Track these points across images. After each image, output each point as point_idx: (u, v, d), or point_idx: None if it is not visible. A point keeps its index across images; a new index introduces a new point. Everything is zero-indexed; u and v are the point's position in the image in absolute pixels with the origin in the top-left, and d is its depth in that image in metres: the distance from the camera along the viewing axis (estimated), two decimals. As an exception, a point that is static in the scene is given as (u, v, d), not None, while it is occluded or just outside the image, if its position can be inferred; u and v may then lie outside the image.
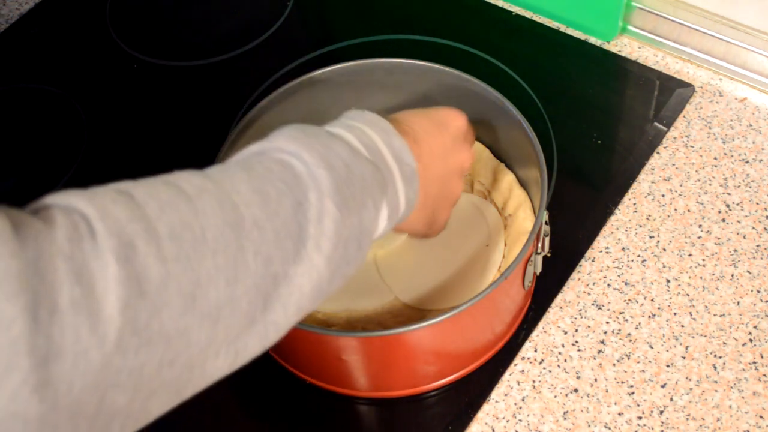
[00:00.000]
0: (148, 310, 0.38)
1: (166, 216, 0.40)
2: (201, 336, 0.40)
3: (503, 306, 0.67)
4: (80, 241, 0.37)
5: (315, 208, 0.46)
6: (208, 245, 0.41)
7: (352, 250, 0.48)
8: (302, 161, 0.47)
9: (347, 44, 0.93)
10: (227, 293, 0.41)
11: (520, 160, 0.74)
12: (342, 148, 0.50)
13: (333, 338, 0.63)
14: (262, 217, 0.44)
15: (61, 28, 1.01)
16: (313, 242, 0.45)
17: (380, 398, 0.70)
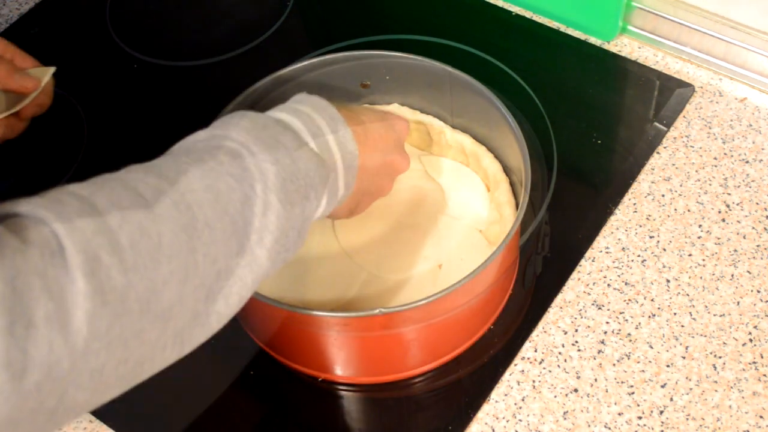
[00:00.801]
0: (110, 318, 0.40)
1: (127, 225, 0.42)
2: (152, 335, 0.43)
3: (489, 286, 0.68)
4: (52, 257, 0.39)
5: (261, 201, 0.48)
6: (164, 251, 0.43)
7: (292, 239, 0.51)
8: (251, 153, 0.50)
9: (347, 44, 0.93)
10: (178, 293, 0.44)
11: (507, 150, 0.74)
12: (289, 140, 0.52)
13: (325, 319, 0.64)
14: (213, 217, 0.46)
15: (61, 28, 1.01)
16: (256, 236, 0.48)
17: (373, 387, 0.70)
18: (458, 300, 0.64)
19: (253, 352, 0.72)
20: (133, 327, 0.42)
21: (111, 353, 0.41)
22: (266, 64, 0.75)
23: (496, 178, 0.74)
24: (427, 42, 0.93)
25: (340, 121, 0.57)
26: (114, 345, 0.41)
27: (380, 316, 0.61)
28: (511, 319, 0.72)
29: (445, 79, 0.74)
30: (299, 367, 0.70)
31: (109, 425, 0.69)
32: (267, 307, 0.63)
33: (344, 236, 0.74)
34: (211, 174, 0.48)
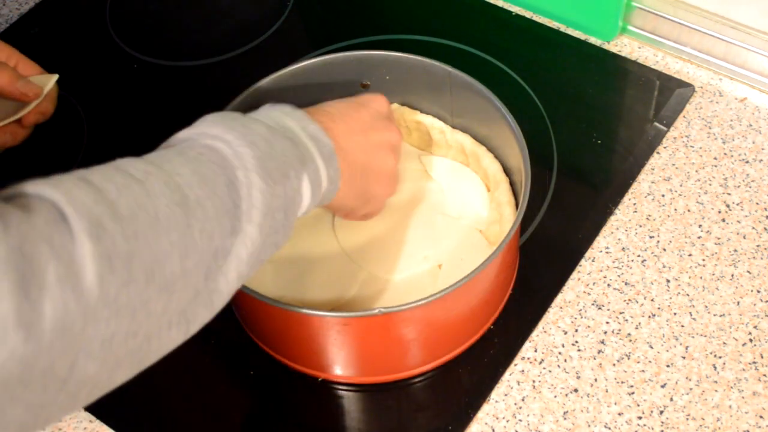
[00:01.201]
0: (117, 284, 0.42)
1: (124, 198, 0.44)
2: (158, 307, 0.44)
3: (488, 286, 0.68)
4: (56, 224, 0.41)
5: (244, 185, 0.50)
6: (162, 224, 0.45)
7: (279, 219, 0.52)
8: (226, 142, 0.51)
9: (347, 44, 0.93)
10: (180, 267, 0.45)
11: (507, 150, 0.74)
12: (261, 127, 0.54)
13: (324, 319, 0.64)
14: (203, 196, 0.48)
15: (61, 28, 1.01)
16: (246, 215, 0.50)
17: (372, 387, 0.70)
18: (458, 300, 0.64)
19: (253, 352, 0.72)
20: (139, 296, 0.43)
21: (120, 322, 0.42)
22: (266, 64, 0.75)
23: (496, 178, 0.74)
24: (427, 42, 0.93)
25: (307, 120, 0.58)
26: (123, 313, 0.42)
27: (380, 316, 0.61)
28: (511, 319, 0.72)
29: (445, 79, 0.74)
30: (299, 367, 0.70)
31: (110, 425, 0.69)
32: (267, 307, 0.63)
33: (344, 236, 0.74)
34: (194, 162, 0.50)
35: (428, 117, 0.78)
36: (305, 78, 0.76)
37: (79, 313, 0.40)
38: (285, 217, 0.53)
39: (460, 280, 0.61)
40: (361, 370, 0.69)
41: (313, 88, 0.77)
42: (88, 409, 0.70)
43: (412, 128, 0.79)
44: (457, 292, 0.61)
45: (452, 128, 0.78)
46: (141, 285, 0.43)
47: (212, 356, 0.73)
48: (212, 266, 0.48)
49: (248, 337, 0.72)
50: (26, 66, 0.75)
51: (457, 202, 0.76)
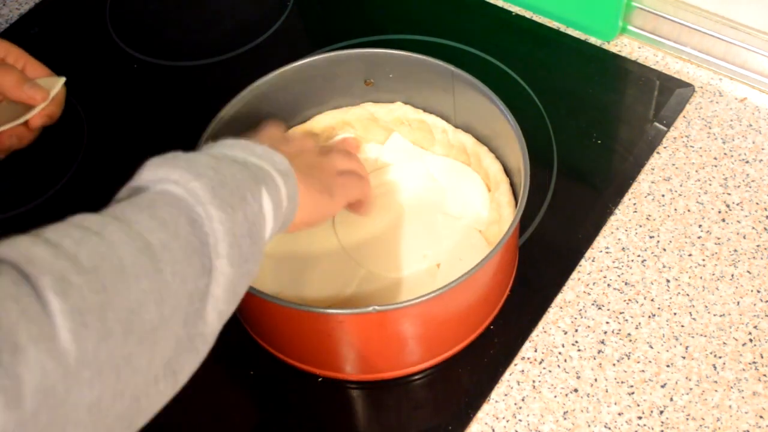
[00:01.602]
0: (94, 340, 0.39)
1: (84, 251, 0.41)
2: (142, 361, 0.42)
3: (486, 285, 0.68)
4: (19, 285, 0.38)
5: (205, 219, 0.48)
6: (129, 272, 0.42)
7: (246, 246, 0.50)
8: (174, 182, 0.49)
9: (347, 44, 0.93)
10: (158, 315, 0.43)
11: (507, 150, 0.74)
12: (204, 158, 0.52)
13: (324, 316, 0.64)
14: (166, 239, 0.45)
15: (61, 28, 1.01)
16: (213, 251, 0.47)
17: (372, 384, 0.70)
18: (454, 299, 0.65)
19: (252, 351, 0.72)
20: (120, 350, 0.41)
21: (104, 382, 0.40)
22: (266, 64, 0.75)
23: (496, 179, 0.74)
24: (426, 42, 0.93)
25: (253, 144, 0.56)
26: (106, 372, 0.40)
27: (375, 314, 0.61)
28: (511, 319, 0.72)
29: (448, 79, 0.74)
30: (298, 364, 0.70)
31: (110, 425, 0.69)
32: (264, 303, 0.63)
33: (344, 234, 0.74)
34: (149, 208, 0.47)
35: (431, 116, 0.78)
36: (309, 75, 0.76)
37: (60, 375, 0.37)
38: (252, 242, 0.51)
39: (456, 279, 0.61)
40: (359, 367, 0.70)
41: (317, 85, 0.77)
42: (88, 409, 0.70)
43: (415, 127, 0.79)
44: (453, 291, 0.61)
45: (455, 128, 0.78)
46: (119, 338, 0.41)
47: (212, 355, 0.72)
48: (190, 310, 0.46)
49: (248, 335, 0.73)
50: (34, 68, 0.75)
51: (457, 201, 0.76)
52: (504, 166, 0.75)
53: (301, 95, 0.77)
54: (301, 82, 0.76)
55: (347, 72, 0.77)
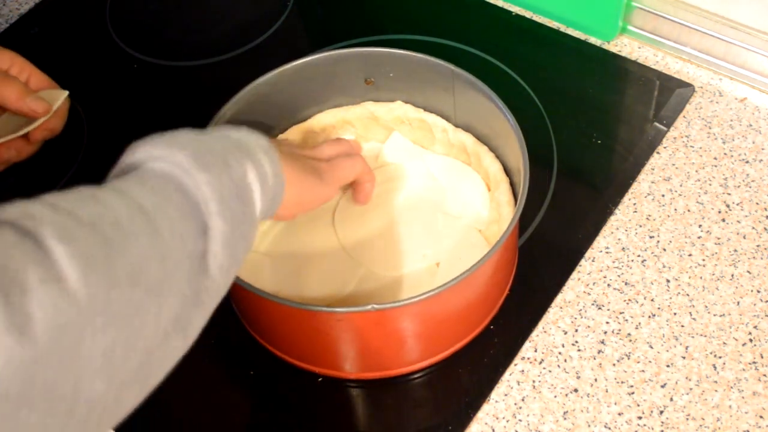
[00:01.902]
0: (103, 286, 0.40)
1: (81, 208, 0.42)
2: (150, 315, 0.43)
3: (485, 285, 0.68)
4: (23, 237, 0.39)
5: (191, 185, 0.48)
6: (128, 230, 0.43)
7: (237, 208, 0.51)
8: (157, 158, 0.50)
9: (347, 44, 0.93)
10: (161, 271, 0.44)
11: (507, 150, 0.74)
12: (185, 134, 0.53)
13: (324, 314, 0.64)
14: (159, 202, 0.46)
15: (61, 28, 1.01)
16: (206, 211, 0.48)
17: (371, 383, 0.70)
18: (453, 298, 0.65)
19: (252, 350, 0.72)
20: (129, 299, 0.41)
21: (117, 330, 0.40)
22: (266, 64, 0.75)
23: (496, 178, 0.74)
24: (426, 42, 0.93)
25: (233, 129, 0.57)
26: (117, 320, 0.40)
27: (373, 312, 0.61)
28: (511, 319, 0.72)
29: (449, 78, 0.74)
30: (298, 363, 0.70)
31: (109, 425, 0.69)
32: (263, 301, 0.63)
33: (343, 232, 0.74)
34: (138, 182, 0.48)
35: (431, 115, 0.78)
36: (309, 74, 0.76)
37: (73, 314, 0.38)
38: (242, 204, 0.51)
39: (455, 278, 0.61)
40: (359, 365, 0.70)
41: (317, 84, 0.77)
42: (88, 408, 0.70)
43: (415, 126, 0.79)
44: (451, 290, 0.61)
45: (455, 127, 0.78)
46: (126, 288, 0.41)
47: (212, 355, 0.73)
48: (192, 267, 0.46)
49: (248, 335, 0.72)
50: (38, 79, 0.74)
51: (457, 201, 0.76)
52: (504, 165, 0.75)
53: (301, 94, 0.77)
54: (301, 82, 0.76)
55: (347, 71, 0.77)
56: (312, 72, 0.76)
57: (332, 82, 0.78)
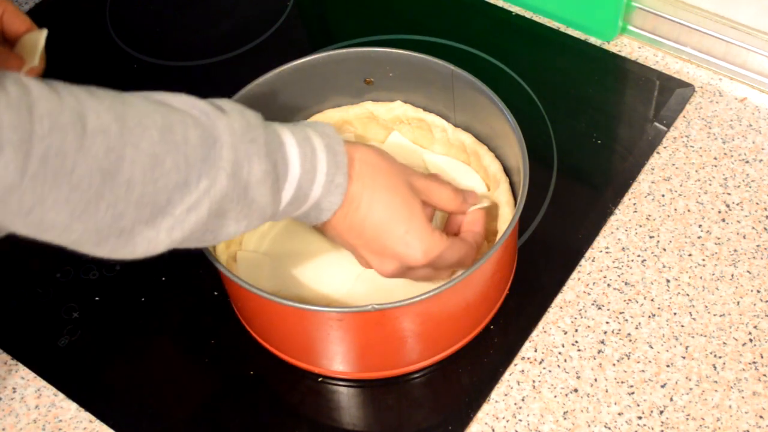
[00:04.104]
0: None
1: (48, 139, 0.44)
2: (22, 231, 0.47)
3: (484, 285, 0.68)
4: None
5: (194, 199, 0.50)
6: (68, 179, 0.45)
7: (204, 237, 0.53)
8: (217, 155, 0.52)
9: (347, 44, 0.93)
10: (63, 222, 0.46)
11: (507, 150, 0.74)
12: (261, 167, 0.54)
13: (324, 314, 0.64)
14: (137, 179, 0.48)
15: (61, 28, 1.01)
16: (172, 218, 0.50)
17: (371, 383, 0.70)
18: (452, 298, 0.65)
19: (252, 351, 0.72)
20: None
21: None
22: (266, 64, 0.75)
23: (496, 178, 0.74)
24: (426, 42, 0.93)
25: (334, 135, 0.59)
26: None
27: (374, 312, 0.61)
28: (511, 319, 0.72)
29: (448, 78, 0.74)
30: (298, 363, 0.70)
31: (109, 425, 0.69)
32: (263, 301, 0.63)
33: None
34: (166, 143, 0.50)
35: (430, 115, 0.78)
36: (309, 73, 0.76)
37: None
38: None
39: (455, 279, 0.61)
40: (358, 365, 0.70)
41: (317, 83, 0.77)
42: (88, 409, 0.70)
43: (414, 126, 0.79)
44: (451, 290, 0.61)
45: (454, 127, 0.78)
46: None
47: (212, 355, 0.73)
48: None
49: (248, 334, 0.72)
50: (13, 19, 0.71)
51: None
52: (504, 165, 0.75)
53: (300, 94, 0.77)
54: (301, 81, 0.76)
55: (347, 71, 0.77)
56: (312, 72, 0.76)
57: (332, 82, 0.78)
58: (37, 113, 0.44)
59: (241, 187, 0.53)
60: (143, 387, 0.71)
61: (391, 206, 0.61)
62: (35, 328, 0.75)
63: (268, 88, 0.74)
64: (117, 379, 0.72)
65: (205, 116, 0.53)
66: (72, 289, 0.76)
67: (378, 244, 0.61)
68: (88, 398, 0.70)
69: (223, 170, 0.51)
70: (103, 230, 0.48)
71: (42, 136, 0.43)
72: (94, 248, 0.49)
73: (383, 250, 0.62)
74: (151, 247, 0.51)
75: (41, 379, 0.72)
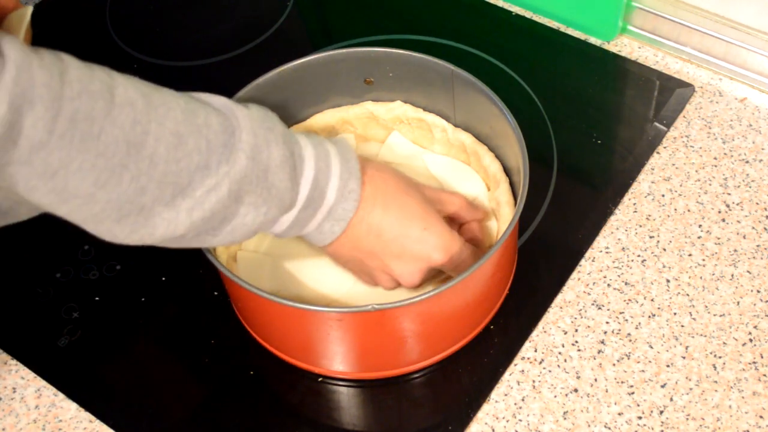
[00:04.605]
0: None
1: (77, 102, 0.45)
2: (43, 201, 0.47)
3: (484, 285, 0.68)
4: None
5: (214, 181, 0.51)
6: (95, 145, 0.46)
7: (218, 226, 0.54)
8: (236, 141, 0.52)
9: (347, 44, 0.93)
10: (85, 191, 0.46)
11: (507, 150, 0.74)
12: (279, 151, 0.55)
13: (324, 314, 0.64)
14: (160, 156, 0.48)
15: (61, 28, 1.01)
16: (191, 200, 0.51)
17: (371, 383, 0.70)
18: (452, 298, 0.64)
19: (252, 351, 0.72)
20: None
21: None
22: (266, 64, 0.75)
23: (496, 178, 0.74)
24: (426, 42, 0.93)
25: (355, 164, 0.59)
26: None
27: (373, 312, 0.61)
28: (511, 319, 0.72)
29: (448, 78, 0.74)
30: (298, 363, 0.70)
31: (109, 425, 0.69)
32: (263, 301, 0.63)
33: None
34: (189, 125, 0.51)
35: (430, 115, 0.78)
36: (308, 73, 0.76)
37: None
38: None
39: (454, 279, 0.61)
40: (358, 365, 0.70)
41: (317, 83, 0.77)
42: (88, 409, 0.70)
43: (414, 126, 0.79)
44: (451, 290, 0.61)
45: (454, 127, 0.78)
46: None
47: (212, 355, 0.73)
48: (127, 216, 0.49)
49: (248, 336, 0.72)
50: None
51: None
52: (504, 165, 0.75)
53: (300, 94, 0.77)
54: (301, 81, 0.76)
55: (347, 71, 0.77)
56: (312, 72, 0.76)
57: (332, 82, 0.78)
58: (68, 77, 0.45)
59: (261, 169, 0.53)
60: (143, 387, 0.71)
61: (406, 207, 0.62)
62: (35, 328, 0.75)
63: (268, 88, 0.74)
64: (117, 379, 0.72)
65: (225, 107, 0.55)
66: (72, 289, 0.76)
67: (397, 246, 0.62)
68: (88, 398, 0.70)
69: (242, 152, 0.52)
70: (125, 205, 0.48)
71: (71, 97, 0.44)
72: (115, 225, 0.49)
73: (402, 252, 0.62)
74: (171, 229, 0.51)
75: (41, 379, 0.72)
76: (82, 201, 0.47)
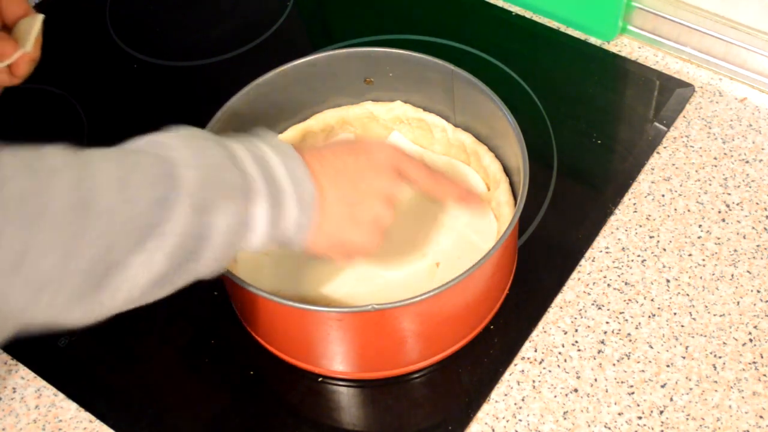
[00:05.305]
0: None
1: (12, 183, 0.44)
2: (20, 300, 0.45)
3: (484, 285, 0.68)
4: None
5: (173, 204, 0.50)
6: (47, 220, 0.45)
7: (196, 248, 0.52)
8: (174, 160, 0.52)
9: (347, 44, 0.93)
10: (57, 267, 0.45)
11: (507, 150, 0.74)
12: (218, 153, 0.54)
13: (324, 314, 0.64)
14: (113, 205, 0.47)
15: (61, 28, 1.01)
16: (160, 236, 0.49)
17: (371, 383, 0.70)
18: (452, 298, 0.65)
19: (252, 351, 0.72)
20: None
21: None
22: (266, 64, 0.75)
23: (496, 178, 0.74)
24: (426, 42, 0.93)
25: (296, 159, 0.57)
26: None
27: (373, 312, 0.61)
28: (511, 319, 0.72)
29: (448, 78, 0.74)
30: (298, 363, 0.70)
31: (109, 425, 0.69)
32: (263, 301, 0.63)
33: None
34: (126, 169, 0.50)
35: (430, 115, 0.78)
36: (309, 73, 0.76)
37: None
38: (207, 247, 0.52)
39: (454, 279, 0.61)
40: (358, 365, 0.70)
41: (317, 83, 0.77)
42: (88, 409, 0.70)
43: (414, 126, 0.79)
44: (451, 290, 0.61)
45: (454, 127, 0.78)
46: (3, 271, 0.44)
47: (212, 355, 0.73)
48: (103, 278, 0.48)
49: (248, 336, 0.72)
50: (11, 2, 0.70)
51: None
52: (504, 165, 0.75)
53: (300, 94, 0.77)
54: (301, 81, 0.76)
55: (347, 71, 0.77)
56: (312, 72, 0.76)
57: (332, 82, 0.78)
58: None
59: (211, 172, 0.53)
60: (143, 387, 0.71)
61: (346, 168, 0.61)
62: (35, 328, 0.75)
63: (268, 88, 0.74)
64: (117, 379, 0.72)
65: (147, 143, 0.55)
66: (72, 289, 0.76)
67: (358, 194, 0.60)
68: (88, 398, 0.70)
69: (186, 167, 0.52)
70: (96, 266, 0.47)
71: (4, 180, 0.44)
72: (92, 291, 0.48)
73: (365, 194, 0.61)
74: (154, 269, 0.50)
75: (41, 379, 0.72)
76: (57, 283, 0.46)
